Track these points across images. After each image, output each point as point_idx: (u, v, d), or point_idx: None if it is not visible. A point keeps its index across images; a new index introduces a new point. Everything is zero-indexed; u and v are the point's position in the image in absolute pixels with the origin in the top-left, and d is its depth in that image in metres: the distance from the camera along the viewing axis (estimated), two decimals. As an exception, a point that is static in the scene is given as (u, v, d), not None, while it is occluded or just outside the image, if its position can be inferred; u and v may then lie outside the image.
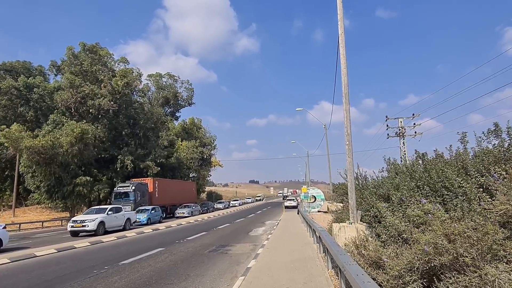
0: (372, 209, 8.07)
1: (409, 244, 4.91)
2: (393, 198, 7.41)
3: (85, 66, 38.47)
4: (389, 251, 5.08)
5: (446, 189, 6.10)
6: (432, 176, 6.73)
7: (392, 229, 5.83)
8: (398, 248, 5.15)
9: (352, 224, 8.61)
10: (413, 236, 4.85)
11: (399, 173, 8.95)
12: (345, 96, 9.50)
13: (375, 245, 5.69)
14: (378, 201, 7.78)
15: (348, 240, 8.04)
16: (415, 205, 5.91)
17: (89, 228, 19.20)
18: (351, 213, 9.00)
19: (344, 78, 9.57)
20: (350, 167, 9.29)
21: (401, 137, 30.92)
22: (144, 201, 32.08)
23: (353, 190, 8.98)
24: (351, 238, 8.01)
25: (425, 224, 5.22)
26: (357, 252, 7.41)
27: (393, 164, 11.06)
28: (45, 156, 34.26)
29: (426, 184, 6.73)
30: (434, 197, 6.29)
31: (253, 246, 13.41)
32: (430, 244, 4.13)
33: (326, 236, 7.65)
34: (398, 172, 9.04)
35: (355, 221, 8.72)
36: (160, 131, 49.45)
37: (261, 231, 19.68)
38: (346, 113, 9.39)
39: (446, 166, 6.45)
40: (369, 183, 10.64)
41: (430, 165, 7.35)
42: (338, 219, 12.65)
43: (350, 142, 9.34)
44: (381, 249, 5.40)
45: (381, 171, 15.74)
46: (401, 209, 6.60)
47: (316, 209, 35.38)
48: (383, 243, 6.22)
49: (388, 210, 6.72)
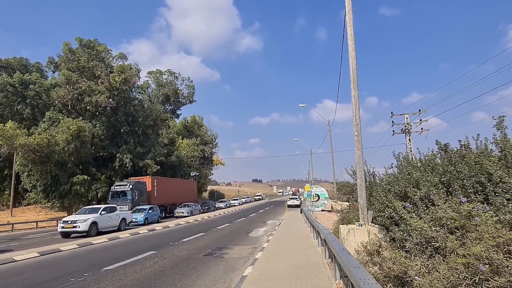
0: (386, 209, 6.97)
1: (443, 255, 3.83)
2: (411, 196, 6.30)
3: (82, 62, 37.52)
4: (418, 265, 3.99)
5: (481, 185, 5.00)
6: (461, 169, 5.63)
7: (418, 235, 4.73)
8: (428, 260, 4.06)
9: (362, 226, 7.53)
10: (448, 245, 3.76)
11: (414, 168, 7.84)
12: (353, 81, 8.39)
13: (397, 255, 4.59)
14: (394, 199, 6.67)
15: (359, 246, 6.95)
16: (447, 205, 4.81)
17: (81, 229, 18.21)
18: (360, 214, 7.91)
19: (352, 62, 8.47)
20: (360, 162, 8.20)
21: (407, 133, 29.72)
22: (142, 201, 31.09)
23: (363, 188, 7.89)
24: (362, 243, 6.92)
25: (462, 229, 4.14)
26: (370, 259, 6.32)
27: (404, 158, 9.94)
28: (40, 154, 33.36)
29: (454, 179, 5.62)
30: (467, 194, 5.18)
31: (252, 249, 12.34)
32: (482, 258, 3.05)
33: (333, 241, 6.56)
34: (414, 167, 7.92)
35: (365, 222, 7.64)
36: (160, 128, 48.46)
37: (261, 231, 18.62)
38: (355, 100, 8.29)
39: (481, 158, 5.32)
40: (380, 180, 9.46)
41: (457, 157, 6.24)
42: (345, 220, 11.54)
43: (359, 132, 8.25)
44: (406, 261, 4.30)
45: (390, 167, 14.59)
46: (427, 209, 5.49)
47: (320, 208, 34.30)
48: (406, 251, 5.12)
49: (411, 211, 5.61)
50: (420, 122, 30.04)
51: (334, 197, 39.75)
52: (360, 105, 8.75)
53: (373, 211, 8.01)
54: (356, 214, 9.56)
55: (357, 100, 8.27)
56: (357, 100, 8.28)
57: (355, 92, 8.30)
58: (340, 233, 8.13)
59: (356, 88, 8.33)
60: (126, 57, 40.95)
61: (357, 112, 8.26)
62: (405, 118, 30.06)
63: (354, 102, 8.33)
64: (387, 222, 7.03)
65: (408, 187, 6.63)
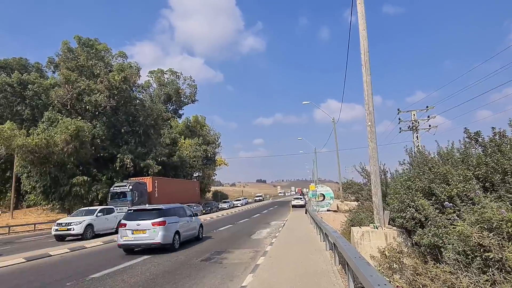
0: (408, 208, 6.01)
1: (501, 271, 2.89)
2: (438, 194, 5.34)
3: (81, 61, 36.79)
4: (467, 283, 3.04)
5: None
6: (501, 162, 4.66)
7: (460, 242, 3.76)
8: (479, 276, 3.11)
9: (378, 228, 6.58)
10: (508, 256, 2.82)
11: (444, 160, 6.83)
12: (365, 64, 7.44)
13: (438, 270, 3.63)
14: (417, 197, 5.72)
15: (375, 250, 5.99)
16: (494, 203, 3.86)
17: (75, 231, 17.39)
18: (375, 214, 6.96)
19: (363, 43, 7.53)
20: (374, 155, 7.24)
21: (414, 131, 28.74)
22: (142, 202, 30.23)
23: (378, 184, 6.95)
24: (379, 248, 5.96)
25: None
26: (389, 267, 5.37)
27: (420, 153, 8.96)
28: (39, 155, 32.65)
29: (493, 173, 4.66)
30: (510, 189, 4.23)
31: (254, 253, 11.40)
32: None
33: (346, 247, 5.61)
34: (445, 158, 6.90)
35: (381, 224, 6.69)
36: (162, 128, 47.68)
37: (265, 233, 17.68)
38: (367, 86, 7.34)
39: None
40: (398, 176, 8.43)
41: (493, 147, 5.27)
42: (355, 221, 10.57)
43: (372, 122, 7.30)
44: (451, 278, 3.33)
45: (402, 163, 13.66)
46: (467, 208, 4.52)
47: (325, 208, 33.25)
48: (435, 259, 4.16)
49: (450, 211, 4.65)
50: (427, 119, 28.97)
51: (340, 196, 38.77)
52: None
53: (390, 211, 7.05)
54: (369, 215, 8.61)
55: (369, 86, 7.33)
56: (369, 85, 7.33)
57: (367, 77, 7.35)
58: (353, 237, 7.17)
59: (368, 72, 7.38)
60: (126, 56, 40.26)
61: (370, 100, 7.31)
62: (412, 115, 28.97)
63: (366, 88, 7.39)
64: (410, 224, 6.07)
65: (433, 182, 5.67)
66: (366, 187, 13.13)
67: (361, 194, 12.81)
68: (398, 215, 6.57)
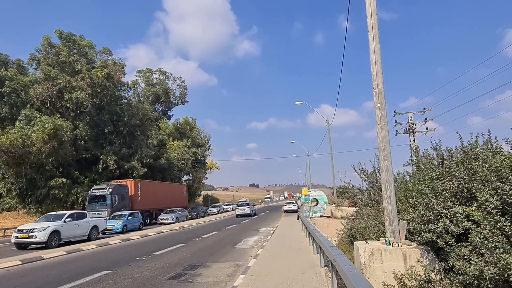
0: (441, 219, 4.33)
1: None
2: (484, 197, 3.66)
3: (62, 57, 34.77)
4: None
5: None
6: None
7: None
8: None
9: (393, 245, 4.88)
10: None
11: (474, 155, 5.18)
12: (373, 30, 5.79)
13: None
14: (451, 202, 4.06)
15: (390, 278, 4.26)
16: None
17: (38, 239, 15.40)
18: (387, 225, 5.28)
19: (369, 2, 5.86)
20: (385, 146, 5.57)
21: (411, 133, 27.33)
22: (124, 206, 28.28)
23: (392, 185, 5.28)
24: (395, 273, 4.24)
25: None
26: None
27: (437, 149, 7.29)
28: (14, 156, 30.50)
29: None
30: None
31: (235, 267, 9.61)
32: None
33: (351, 273, 3.87)
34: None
35: (396, 239, 5.00)
36: (149, 129, 45.73)
37: (252, 242, 15.88)
38: (376, 57, 5.69)
39: None
40: (421, 173, 6.57)
41: None
42: (355, 230, 8.83)
43: (382, 103, 5.63)
44: None
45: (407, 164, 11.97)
46: None
47: (319, 213, 31.51)
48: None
49: None
50: (425, 121, 27.52)
51: (333, 201, 37.10)
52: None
53: (405, 221, 5.34)
54: (373, 224, 6.89)
55: (378, 57, 5.69)
56: (378, 56, 5.69)
57: (375, 46, 5.72)
58: (358, 255, 5.42)
59: (377, 40, 5.75)
60: (111, 52, 38.29)
61: (379, 75, 5.66)
62: (409, 117, 27.50)
63: (374, 60, 5.75)
64: (443, 240, 4.38)
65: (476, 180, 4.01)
66: (366, 191, 11.42)
67: (361, 198, 11.08)
68: (423, 228, 4.84)
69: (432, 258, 4.66)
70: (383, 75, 5.75)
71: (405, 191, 6.83)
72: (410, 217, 5.23)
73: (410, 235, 5.53)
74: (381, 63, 5.80)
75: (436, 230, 4.44)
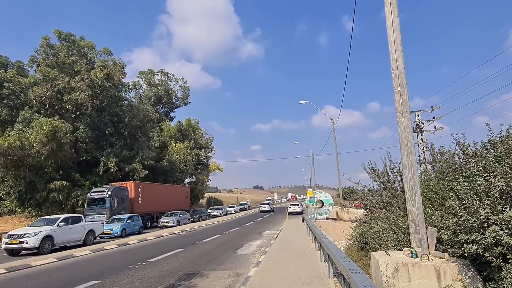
0: (488, 227, 3.43)
1: None
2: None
3: (61, 58, 34.16)
4: None
5: None
6: None
7: None
8: None
9: (422, 258, 3.99)
10: None
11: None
12: (390, 0, 4.90)
13: None
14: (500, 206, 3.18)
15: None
16: None
17: (29, 245, 14.65)
18: (413, 233, 4.40)
19: (386, -29, 4.99)
20: (408, 137, 4.68)
21: (419, 132, 26.35)
22: (123, 209, 27.50)
23: (417, 184, 4.40)
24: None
25: None
26: None
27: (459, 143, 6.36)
28: (12, 158, 29.86)
29: None
30: None
31: (234, 277, 8.74)
32: None
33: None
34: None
35: (425, 250, 4.12)
36: (150, 131, 45.00)
37: (254, 246, 15.01)
38: (394, 33, 4.81)
39: None
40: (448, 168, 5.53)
41: None
42: (367, 236, 7.91)
43: (404, 86, 4.74)
44: None
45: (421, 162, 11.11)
46: None
47: (324, 215, 30.56)
48: None
49: None
50: (433, 120, 26.50)
51: (339, 203, 36.11)
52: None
53: (438, 229, 4.43)
54: (391, 229, 6.00)
55: (397, 33, 4.81)
56: (397, 32, 4.81)
57: (394, 20, 4.85)
58: (379, 271, 4.49)
59: (396, 13, 4.86)
60: (111, 52, 37.62)
61: (399, 53, 4.77)
62: (416, 116, 26.46)
63: (393, 37, 4.87)
64: (492, 253, 3.48)
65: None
66: (377, 192, 10.51)
67: (371, 200, 10.18)
68: (464, 238, 3.90)
69: (474, 275, 3.77)
70: (403, 54, 4.89)
71: (426, 191, 5.95)
72: (441, 223, 4.32)
73: (440, 244, 4.62)
74: (401, 39, 4.94)
75: (483, 241, 3.55)
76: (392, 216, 6.75)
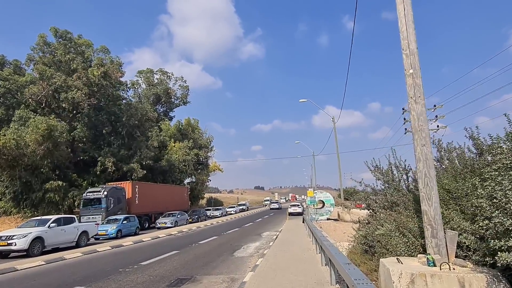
0: None
1: None
2: None
3: (58, 56, 33.62)
4: None
5: None
6: None
7: None
8: None
9: (441, 266, 3.41)
10: None
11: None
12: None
13: None
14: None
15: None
16: None
17: (18, 247, 14.05)
18: (430, 237, 3.81)
19: None
20: (423, 127, 4.08)
21: (421, 131, 25.74)
22: (120, 209, 26.91)
23: (433, 179, 3.82)
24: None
25: None
26: None
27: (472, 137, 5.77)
28: (7, 158, 29.29)
29: None
30: None
31: (228, 282, 8.15)
32: None
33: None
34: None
35: (444, 257, 3.54)
36: (149, 130, 44.42)
37: (252, 248, 14.42)
38: (406, 8, 4.15)
39: None
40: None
41: None
42: (371, 238, 7.32)
43: (417, 68, 4.14)
44: None
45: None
46: None
47: (325, 216, 29.96)
48: None
49: None
50: (436, 119, 25.95)
51: (341, 203, 35.47)
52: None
53: (453, 232, 3.84)
54: (400, 231, 5.40)
55: (409, 8, 4.17)
56: (409, 8, 4.17)
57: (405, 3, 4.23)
58: (391, 283, 3.87)
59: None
60: (109, 51, 37.05)
61: (411, 31, 4.15)
62: (420, 114, 25.96)
63: (404, 13, 4.25)
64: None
65: None
66: (381, 191, 9.92)
67: (375, 200, 9.59)
68: (498, 244, 3.28)
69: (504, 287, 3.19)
70: (415, 32, 4.31)
71: (438, 190, 5.37)
72: (461, 225, 3.73)
73: (459, 249, 4.00)
74: (413, 16, 4.35)
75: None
76: (400, 217, 6.16)
